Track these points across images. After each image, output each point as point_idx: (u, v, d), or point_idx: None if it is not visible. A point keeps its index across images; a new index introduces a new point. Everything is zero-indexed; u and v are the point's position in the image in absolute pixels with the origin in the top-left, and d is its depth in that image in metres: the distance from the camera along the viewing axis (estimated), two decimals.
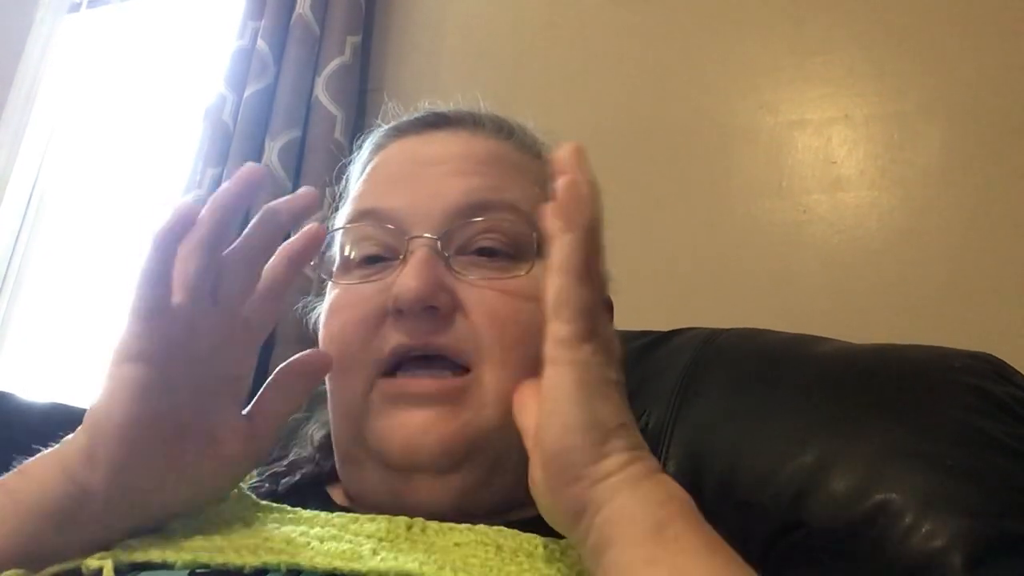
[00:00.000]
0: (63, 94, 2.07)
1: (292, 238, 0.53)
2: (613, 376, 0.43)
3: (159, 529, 0.47)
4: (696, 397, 0.78)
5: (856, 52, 1.20)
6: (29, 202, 2.02)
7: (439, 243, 0.55)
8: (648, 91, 1.34)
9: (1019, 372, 0.74)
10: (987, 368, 0.72)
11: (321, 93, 1.53)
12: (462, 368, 0.54)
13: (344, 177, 0.69)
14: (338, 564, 0.43)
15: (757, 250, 1.19)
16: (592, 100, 1.38)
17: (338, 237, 0.61)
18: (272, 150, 1.50)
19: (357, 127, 1.57)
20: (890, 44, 1.18)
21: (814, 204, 1.17)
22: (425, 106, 0.66)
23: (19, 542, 0.44)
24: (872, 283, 1.11)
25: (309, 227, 0.51)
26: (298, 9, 1.58)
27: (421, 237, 0.55)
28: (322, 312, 0.61)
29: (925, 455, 0.65)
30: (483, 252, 0.56)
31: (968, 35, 1.13)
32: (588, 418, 0.41)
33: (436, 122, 0.63)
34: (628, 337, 0.87)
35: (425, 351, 0.53)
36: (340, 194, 0.68)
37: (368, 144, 0.67)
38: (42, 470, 0.46)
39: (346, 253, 0.60)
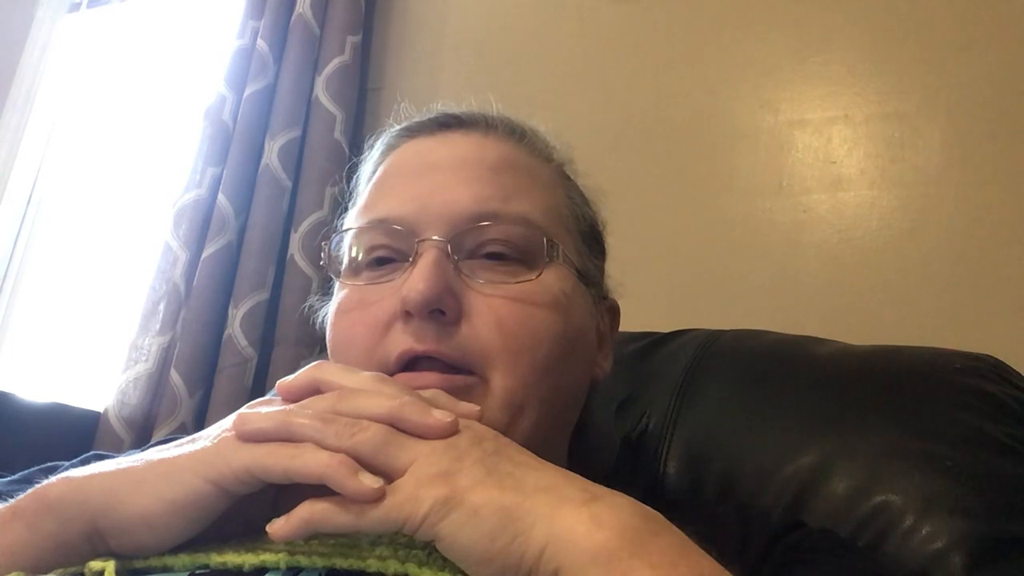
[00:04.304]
0: (63, 94, 2.07)
1: None
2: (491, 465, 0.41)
3: None
4: (696, 398, 0.79)
5: (856, 52, 1.20)
6: (29, 202, 2.02)
7: (448, 246, 0.55)
8: (648, 91, 1.34)
9: (1019, 372, 0.74)
10: (987, 369, 0.72)
11: (321, 93, 1.53)
12: (469, 373, 0.53)
13: (355, 176, 0.68)
14: (337, 560, 0.43)
15: (757, 250, 1.19)
16: (592, 100, 1.38)
17: (347, 238, 0.61)
18: (272, 150, 1.50)
19: (357, 127, 1.57)
20: (890, 44, 1.18)
21: (814, 204, 1.17)
22: (438, 107, 0.66)
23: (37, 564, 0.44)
24: (872, 283, 1.11)
25: None
26: (298, 9, 1.58)
27: (430, 239, 0.55)
28: (330, 312, 0.61)
29: (925, 456, 0.65)
30: (492, 256, 0.56)
31: (968, 35, 1.13)
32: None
33: (448, 123, 0.63)
34: (629, 339, 0.87)
35: (432, 356, 0.53)
36: (351, 192, 0.68)
37: (379, 144, 0.66)
38: (64, 511, 0.45)
39: (355, 255, 0.59)
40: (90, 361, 1.82)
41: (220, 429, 0.46)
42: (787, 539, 0.54)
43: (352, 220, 0.62)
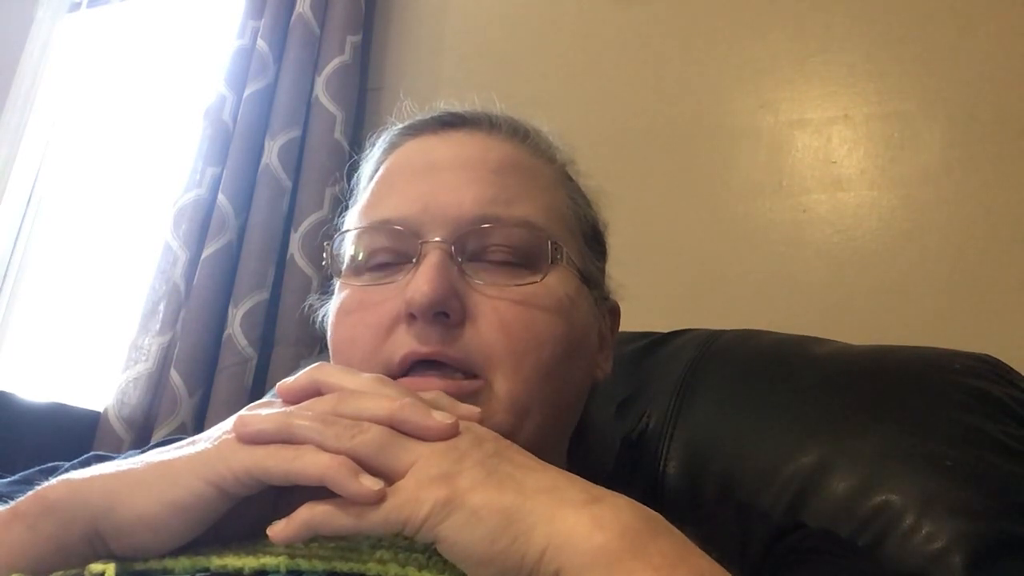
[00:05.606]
0: (62, 94, 2.07)
1: None
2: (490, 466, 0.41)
3: None
4: (696, 398, 0.79)
5: (856, 52, 1.20)
6: (29, 202, 2.02)
7: (452, 248, 0.55)
8: (648, 91, 1.34)
9: (1019, 373, 0.74)
10: (987, 369, 0.72)
11: (321, 93, 1.53)
12: (473, 376, 0.53)
13: (356, 175, 0.68)
14: (337, 564, 0.43)
15: (757, 250, 1.19)
16: (592, 100, 1.38)
17: (349, 238, 0.60)
18: (272, 150, 1.50)
19: (357, 127, 1.57)
20: (890, 44, 1.18)
21: (814, 204, 1.17)
22: (440, 105, 0.65)
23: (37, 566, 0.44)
24: (872, 283, 1.11)
25: None
26: (298, 9, 1.58)
27: (433, 241, 0.55)
28: (331, 312, 0.60)
29: (925, 456, 0.65)
30: (495, 258, 0.56)
31: (968, 35, 1.13)
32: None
33: (452, 122, 0.63)
34: (629, 339, 0.87)
35: (435, 359, 0.53)
36: (351, 190, 0.68)
37: (381, 142, 0.66)
38: (64, 513, 0.44)
39: (356, 255, 0.59)
40: (90, 361, 1.82)
41: (220, 431, 0.45)
42: (787, 540, 0.54)
43: (354, 220, 0.61)
